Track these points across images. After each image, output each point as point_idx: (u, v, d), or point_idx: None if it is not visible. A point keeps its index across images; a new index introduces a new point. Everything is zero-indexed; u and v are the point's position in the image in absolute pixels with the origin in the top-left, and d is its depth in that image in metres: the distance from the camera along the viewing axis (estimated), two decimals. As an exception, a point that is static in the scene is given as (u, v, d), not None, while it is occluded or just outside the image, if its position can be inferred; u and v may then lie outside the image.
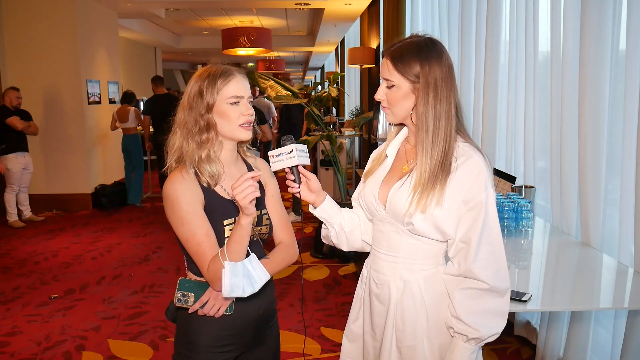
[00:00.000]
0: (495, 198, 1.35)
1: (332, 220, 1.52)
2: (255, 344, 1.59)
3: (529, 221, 2.62)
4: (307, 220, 6.27)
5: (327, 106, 10.09)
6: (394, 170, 1.46)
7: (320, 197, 1.50)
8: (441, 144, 1.33)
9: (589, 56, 2.31)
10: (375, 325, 1.50)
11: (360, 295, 1.57)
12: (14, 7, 6.70)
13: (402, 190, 1.38)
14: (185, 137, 1.46)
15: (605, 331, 2.45)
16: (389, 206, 1.40)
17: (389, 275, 1.44)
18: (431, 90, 1.33)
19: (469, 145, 1.37)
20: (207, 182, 1.45)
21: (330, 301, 3.84)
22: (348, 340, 1.61)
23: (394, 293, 1.43)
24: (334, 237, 1.55)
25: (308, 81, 26.78)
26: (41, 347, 3.20)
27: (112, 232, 5.91)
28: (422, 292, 1.41)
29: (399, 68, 1.34)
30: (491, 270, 1.32)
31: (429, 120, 1.33)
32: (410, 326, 1.41)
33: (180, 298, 1.48)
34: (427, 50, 1.34)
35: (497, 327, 1.34)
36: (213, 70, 1.47)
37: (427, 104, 1.33)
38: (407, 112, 1.39)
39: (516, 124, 3.20)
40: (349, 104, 11.63)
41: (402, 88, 1.36)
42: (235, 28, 8.14)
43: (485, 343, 1.36)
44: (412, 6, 5.56)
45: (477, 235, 1.31)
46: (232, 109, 1.45)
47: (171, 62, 17.05)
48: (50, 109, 6.92)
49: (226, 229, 1.46)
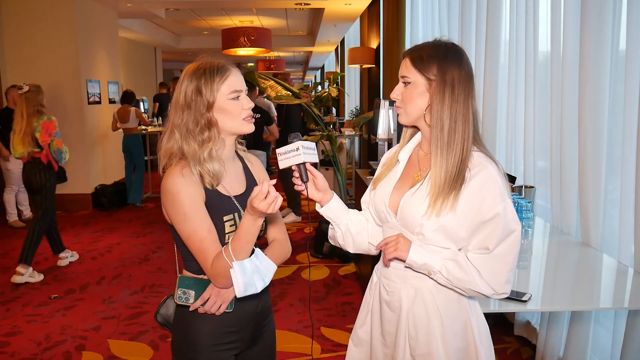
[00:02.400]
0: (513, 208, 1.33)
1: (338, 220, 1.51)
2: (254, 341, 1.58)
3: (529, 221, 2.61)
4: (307, 221, 6.27)
5: (327, 106, 10.11)
6: (405, 177, 1.44)
7: (327, 196, 1.48)
8: (458, 147, 1.31)
9: (589, 56, 2.31)
10: (385, 332, 1.48)
11: (368, 301, 1.56)
12: (14, 7, 6.70)
13: (415, 198, 1.36)
14: (185, 139, 1.43)
15: (605, 331, 2.45)
16: (400, 214, 1.39)
17: (400, 283, 1.43)
18: (447, 90, 1.32)
19: (484, 156, 1.35)
20: (209, 183, 1.43)
21: (330, 301, 3.84)
22: (354, 344, 1.60)
23: (404, 301, 1.42)
24: (340, 238, 1.54)
25: (308, 81, 26.77)
26: (41, 347, 3.20)
27: (112, 232, 5.91)
28: (434, 297, 1.40)
29: (417, 65, 1.34)
30: (499, 281, 1.33)
31: (444, 119, 1.31)
32: (424, 334, 1.40)
33: (180, 295, 1.45)
34: (447, 51, 1.34)
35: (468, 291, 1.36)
36: (207, 66, 1.43)
37: (443, 103, 1.32)
38: (420, 112, 1.37)
39: (516, 124, 3.20)
40: (349, 104, 11.62)
41: (418, 85, 1.35)
42: (235, 28, 8.15)
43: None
44: (412, 6, 5.56)
45: (493, 246, 1.31)
46: (234, 105, 1.44)
47: (171, 62, 17.04)
48: (50, 109, 6.79)
49: (226, 225, 1.45)
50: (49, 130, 4.31)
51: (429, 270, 1.35)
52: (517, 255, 1.34)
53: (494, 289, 1.33)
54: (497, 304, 1.76)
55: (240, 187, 1.53)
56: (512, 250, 1.32)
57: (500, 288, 1.33)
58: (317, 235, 4.96)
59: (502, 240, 1.30)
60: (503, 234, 1.30)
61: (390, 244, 1.37)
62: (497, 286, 1.33)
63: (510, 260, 1.32)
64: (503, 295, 1.35)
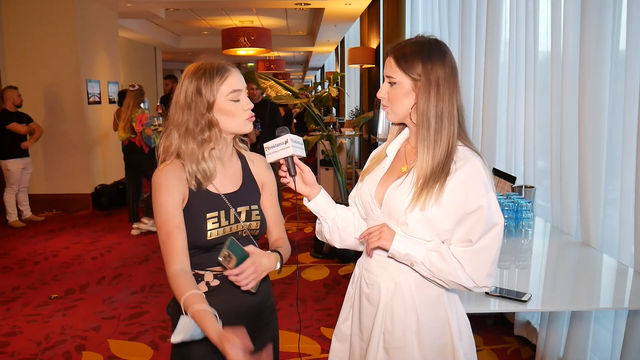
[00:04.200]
0: (496, 201, 1.34)
1: (325, 215, 1.52)
2: (253, 340, 1.58)
3: (529, 221, 2.62)
4: (307, 221, 6.27)
5: (327, 106, 10.11)
6: (393, 170, 1.46)
7: (314, 190, 1.49)
8: (444, 144, 1.32)
9: (589, 56, 2.31)
10: (363, 326, 1.49)
11: (351, 294, 1.57)
12: (14, 7, 6.70)
13: (400, 190, 1.38)
14: (183, 138, 1.44)
15: (605, 331, 2.44)
16: (385, 205, 1.40)
17: (380, 276, 1.44)
18: (433, 89, 1.32)
19: (469, 150, 1.36)
20: (198, 183, 1.46)
21: (330, 301, 3.84)
22: (337, 340, 1.60)
23: (384, 294, 1.43)
24: (327, 233, 1.55)
25: (308, 81, 26.78)
26: (41, 347, 3.20)
27: (112, 232, 5.91)
28: (413, 294, 1.40)
29: (402, 65, 1.35)
30: (481, 273, 1.33)
31: (431, 118, 1.33)
32: (400, 328, 1.41)
33: (225, 256, 1.41)
34: (431, 49, 1.35)
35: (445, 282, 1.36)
36: (207, 66, 1.45)
37: (428, 102, 1.33)
38: (407, 111, 1.38)
39: (516, 124, 3.20)
40: (349, 104, 11.63)
41: (404, 86, 1.36)
42: (235, 28, 8.15)
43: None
44: (412, 6, 5.57)
45: (476, 238, 1.31)
46: (234, 105, 1.45)
47: (171, 62, 17.05)
48: (50, 109, 6.92)
49: (209, 222, 1.46)
50: (142, 120, 5.43)
51: (411, 261, 1.35)
52: (499, 249, 1.34)
53: (475, 282, 1.33)
54: (497, 304, 1.76)
55: (233, 186, 1.54)
56: (495, 244, 1.32)
57: (482, 281, 1.33)
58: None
59: (485, 233, 1.31)
60: (486, 226, 1.31)
61: (374, 233, 1.37)
62: (479, 279, 1.33)
63: (492, 253, 1.33)
64: (484, 288, 1.35)
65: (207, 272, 1.50)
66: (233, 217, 1.50)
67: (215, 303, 1.43)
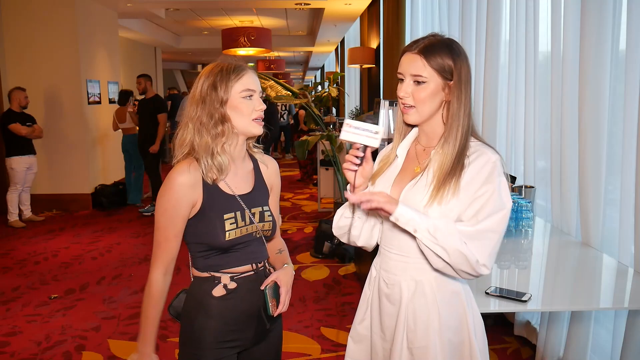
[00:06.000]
0: (507, 186, 1.35)
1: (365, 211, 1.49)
2: (257, 340, 1.60)
3: (529, 221, 2.62)
4: (307, 221, 6.27)
5: (327, 106, 10.10)
6: (405, 171, 1.45)
7: (364, 185, 1.43)
8: (463, 139, 1.35)
9: (589, 56, 2.31)
10: (385, 326, 1.48)
11: (368, 295, 1.56)
12: (14, 8, 6.70)
13: (417, 189, 1.38)
14: (198, 131, 1.47)
15: (605, 331, 2.45)
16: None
17: (400, 275, 1.43)
18: (463, 87, 1.35)
19: (481, 143, 1.38)
20: (211, 179, 1.47)
21: (330, 301, 3.84)
22: (354, 341, 1.59)
23: (405, 293, 1.42)
24: (355, 229, 1.50)
25: (308, 81, 26.78)
26: (41, 347, 3.20)
27: (112, 232, 5.91)
28: (434, 291, 1.40)
29: (433, 64, 1.33)
30: (483, 252, 1.31)
31: (462, 117, 1.35)
32: (422, 327, 1.40)
33: (270, 307, 1.55)
34: (457, 47, 1.37)
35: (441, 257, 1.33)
36: (225, 65, 1.49)
37: (460, 101, 1.34)
38: (434, 111, 1.38)
39: (516, 124, 3.20)
40: (349, 104, 11.62)
41: (433, 84, 1.35)
42: (235, 28, 8.14)
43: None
44: (412, 6, 5.57)
45: (482, 217, 1.31)
46: (245, 103, 1.47)
47: (171, 62, 17.05)
48: (50, 109, 6.92)
49: (227, 222, 1.48)
50: None
51: (414, 227, 1.32)
52: (502, 234, 1.33)
53: (477, 257, 1.30)
54: (497, 304, 1.76)
55: (246, 187, 1.56)
56: (499, 227, 1.32)
57: (484, 258, 1.31)
58: (317, 235, 4.96)
59: (492, 214, 1.31)
60: (494, 208, 1.31)
61: (380, 194, 1.34)
62: (481, 256, 1.31)
63: (496, 237, 1.32)
64: (483, 269, 1.32)
65: (224, 274, 1.52)
66: (248, 218, 1.52)
67: (232, 306, 1.51)
